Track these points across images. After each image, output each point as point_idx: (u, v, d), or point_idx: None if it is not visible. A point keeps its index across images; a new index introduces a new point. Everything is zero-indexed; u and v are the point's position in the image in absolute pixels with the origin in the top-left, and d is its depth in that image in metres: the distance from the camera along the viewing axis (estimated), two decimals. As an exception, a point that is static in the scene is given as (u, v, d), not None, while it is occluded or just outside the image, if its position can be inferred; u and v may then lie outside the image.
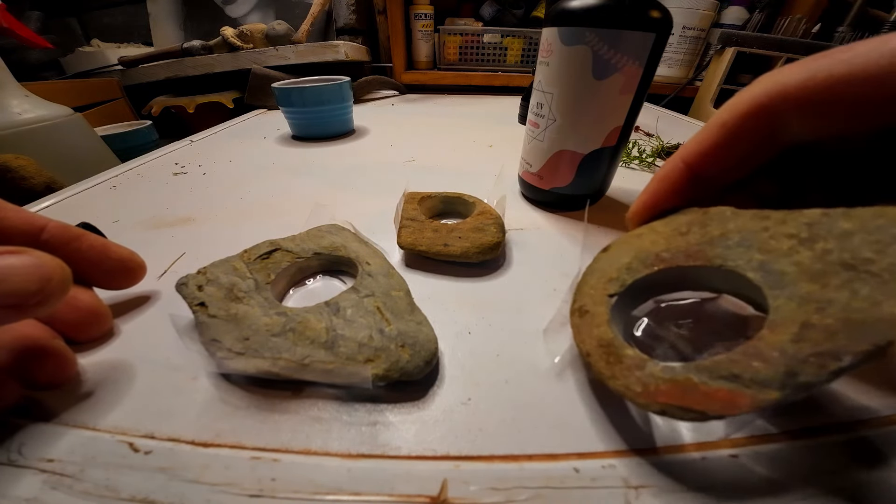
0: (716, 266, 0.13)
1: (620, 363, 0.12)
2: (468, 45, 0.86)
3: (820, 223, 0.11)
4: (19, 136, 0.48)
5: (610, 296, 0.14)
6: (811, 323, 0.10)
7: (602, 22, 0.21)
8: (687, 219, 0.15)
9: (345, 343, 0.15)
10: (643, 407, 0.11)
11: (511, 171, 0.36)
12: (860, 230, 0.11)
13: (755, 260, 0.12)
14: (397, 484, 0.12)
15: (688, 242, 0.14)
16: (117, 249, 0.19)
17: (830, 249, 0.11)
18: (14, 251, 0.11)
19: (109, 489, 0.12)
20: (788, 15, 0.76)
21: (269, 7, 0.94)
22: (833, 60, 0.12)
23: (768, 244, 0.12)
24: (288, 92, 0.47)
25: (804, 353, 0.09)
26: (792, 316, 0.10)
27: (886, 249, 0.10)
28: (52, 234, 0.17)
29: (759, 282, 0.12)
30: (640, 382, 0.11)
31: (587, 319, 0.14)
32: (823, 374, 0.09)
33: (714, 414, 0.10)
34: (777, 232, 0.12)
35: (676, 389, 0.11)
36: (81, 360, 0.16)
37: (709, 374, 0.10)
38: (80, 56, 0.88)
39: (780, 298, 0.11)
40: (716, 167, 0.15)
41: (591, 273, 0.16)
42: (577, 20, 0.22)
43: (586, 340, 0.14)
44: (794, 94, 0.12)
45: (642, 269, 0.14)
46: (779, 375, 0.09)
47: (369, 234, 0.24)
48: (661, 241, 0.15)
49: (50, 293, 0.12)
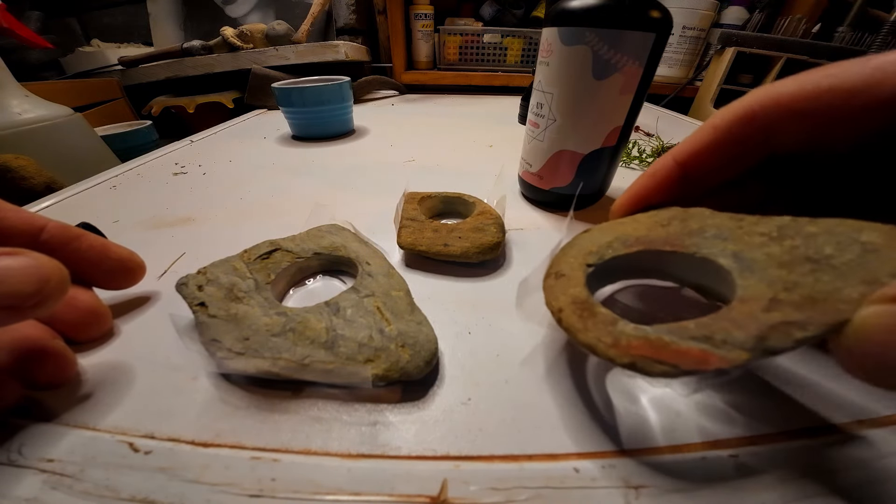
0: (690, 253, 0.14)
1: (593, 318, 0.13)
2: (468, 45, 0.86)
3: (789, 226, 0.13)
4: (19, 136, 0.48)
5: (588, 265, 0.15)
6: (779, 299, 0.11)
7: (602, 22, 0.21)
8: (669, 214, 0.16)
9: (345, 343, 0.15)
10: (612, 359, 0.11)
11: (511, 171, 0.36)
12: (823, 233, 0.12)
13: (728, 249, 0.13)
14: (397, 484, 0.12)
15: (667, 232, 0.15)
16: (117, 249, 0.19)
17: (797, 245, 0.12)
18: (11, 252, 0.11)
19: (109, 489, 0.12)
20: (788, 15, 0.76)
21: (269, 7, 0.94)
22: (821, 74, 0.13)
23: (742, 238, 0.13)
24: (288, 92, 0.47)
25: (774, 321, 0.10)
26: (762, 292, 0.11)
27: (845, 249, 0.11)
28: (51, 235, 0.17)
29: (730, 267, 0.12)
30: (612, 335, 0.12)
31: (562, 281, 0.15)
32: (789, 341, 0.10)
33: (686, 368, 0.10)
34: (750, 230, 0.13)
35: (649, 345, 0.11)
36: (81, 360, 0.16)
37: (679, 335, 0.11)
38: (80, 56, 0.88)
39: (751, 280, 0.12)
40: (705, 167, 0.16)
41: (571, 246, 0.16)
42: (577, 20, 0.22)
43: (560, 298, 0.14)
44: (785, 103, 0.13)
45: (621, 249, 0.15)
46: (750, 339, 0.10)
47: (369, 234, 0.24)
48: (643, 229, 0.15)
49: (47, 295, 0.12)
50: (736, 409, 0.14)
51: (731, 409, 0.14)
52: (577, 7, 0.22)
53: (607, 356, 0.11)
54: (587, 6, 0.22)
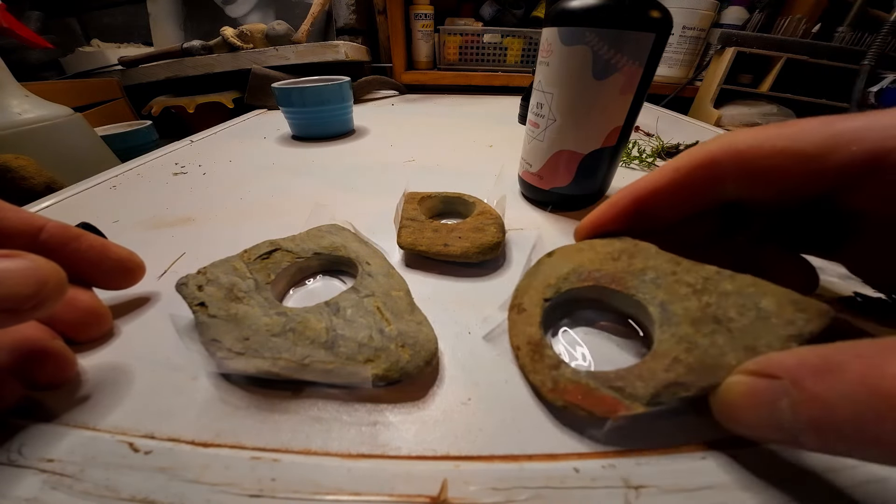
0: (630, 295, 0.16)
1: (542, 361, 0.15)
2: (468, 45, 0.86)
3: (712, 279, 0.14)
4: (19, 136, 0.48)
5: (545, 300, 0.17)
6: (680, 359, 0.13)
7: (602, 22, 0.21)
8: (621, 246, 0.18)
9: (345, 343, 0.15)
10: (551, 401, 0.14)
11: (511, 171, 0.36)
12: (735, 292, 0.14)
13: (658, 298, 0.15)
14: (397, 484, 0.12)
15: (615, 268, 0.17)
16: (116, 249, 0.19)
17: (710, 303, 0.14)
18: (9, 255, 0.11)
19: (109, 489, 0.12)
20: (788, 15, 0.76)
21: (269, 7, 0.94)
22: (780, 133, 0.13)
23: (672, 287, 0.15)
24: (288, 92, 0.47)
25: (668, 380, 0.12)
26: (670, 349, 0.13)
27: (745, 313, 0.13)
28: (50, 235, 0.17)
29: (656, 317, 0.15)
30: (553, 380, 0.14)
31: (523, 317, 0.17)
32: (674, 399, 0.12)
33: (600, 415, 0.13)
34: (681, 279, 0.15)
35: (578, 390, 0.13)
36: (81, 360, 0.16)
37: (601, 382, 0.13)
38: (80, 56, 0.88)
39: (666, 333, 0.14)
40: (661, 206, 0.17)
41: (534, 275, 0.19)
42: (576, 20, 0.22)
43: (519, 336, 0.16)
44: (741, 153, 0.14)
45: (576, 282, 0.17)
46: (647, 395, 0.12)
47: (369, 234, 0.24)
48: (597, 261, 0.18)
49: (45, 297, 0.12)
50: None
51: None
52: (576, 7, 0.22)
53: (547, 399, 0.14)
54: (587, 6, 0.22)
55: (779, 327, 0.12)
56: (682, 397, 0.12)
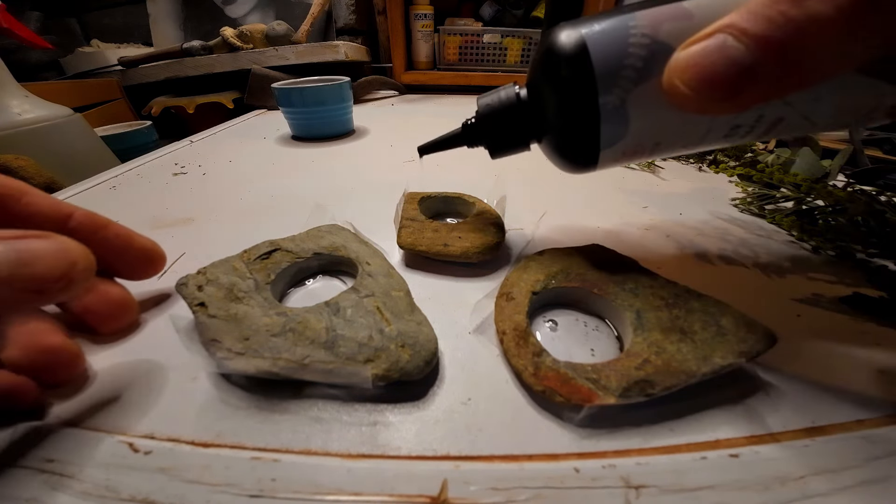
0: (609, 300, 0.18)
1: (525, 347, 0.16)
2: (468, 45, 0.86)
3: (682, 296, 0.17)
4: (19, 136, 0.48)
5: (534, 293, 0.18)
6: (650, 360, 0.14)
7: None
8: (605, 256, 0.20)
9: (345, 343, 0.15)
10: (531, 385, 0.14)
11: (511, 172, 0.36)
12: (700, 310, 0.16)
13: (635, 307, 0.17)
14: (397, 484, 0.12)
15: (600, 275, 0.19)
16: (140, 239, 0.19)
17: (679, 316, 0.16)
18: (39, 235, 0.11)
19: (109, 489, 0.12)
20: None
21: (269, 7, 0.95)
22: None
23: (647, 298, 0.17)
24: (288, 92, 0.47)
25: (639, 377, 0.14)
26: (641, 352, 0.15)
27: (707, 328, 0.15)
28: (79, 222, 0.16)
29: (631, 322, 0.16)
30: (534, 365, 0.15)
31: (511, 305, 0.18)
32: (642, 395, 0.13)
33: (575, 402, 0.13)
34: (657, 292, 0.17)
35: (557, 378, 0.14)
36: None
37: (579, 373, 0.14)
38: (79, 56, 0.88)
39: (640, 337, 0.15)
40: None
41: (525, 269, 0.20)
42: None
43: (506, 321, 0.17)
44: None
45: (563, 282, 0.19)
46: (620, 388, 0.13)
47: (369, 234, 0.24)
48: (584, 266, 0.19)
49: (74, 278, 0.11)
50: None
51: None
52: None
53: (528, 382, 0.15)
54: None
55: (733, 343, 0.14)
56: (648, 393, 0.13)
